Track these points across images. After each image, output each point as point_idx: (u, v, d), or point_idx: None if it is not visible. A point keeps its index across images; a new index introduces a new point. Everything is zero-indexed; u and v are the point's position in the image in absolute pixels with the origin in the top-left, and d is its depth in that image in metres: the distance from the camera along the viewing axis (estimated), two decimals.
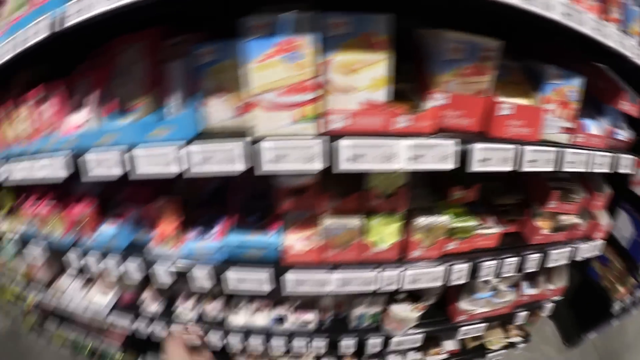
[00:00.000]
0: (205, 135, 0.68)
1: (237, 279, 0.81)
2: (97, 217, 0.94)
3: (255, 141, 0.62)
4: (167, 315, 1.10)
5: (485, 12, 0.65)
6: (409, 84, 0.74)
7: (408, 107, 0.70)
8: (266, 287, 0.81)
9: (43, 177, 0.79)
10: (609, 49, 0.74)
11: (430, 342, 1.21)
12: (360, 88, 0.66)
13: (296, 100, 0.67)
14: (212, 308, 1.03)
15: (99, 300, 1.15)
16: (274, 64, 0.60)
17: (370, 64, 0.65)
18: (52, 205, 0.98)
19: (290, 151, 0.67)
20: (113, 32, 0.77)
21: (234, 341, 1.03)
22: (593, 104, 0.96)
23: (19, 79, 0.98)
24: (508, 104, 0.75)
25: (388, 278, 0.82)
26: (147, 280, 1.10)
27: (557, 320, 1.72)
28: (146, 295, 1.12)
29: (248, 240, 0.81)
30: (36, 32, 0.73)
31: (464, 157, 0.71)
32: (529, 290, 1.18)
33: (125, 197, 0.96)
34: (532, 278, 1.23)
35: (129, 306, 1.16)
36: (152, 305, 1.11)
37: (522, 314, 1.13)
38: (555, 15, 0.66)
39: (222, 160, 0.64)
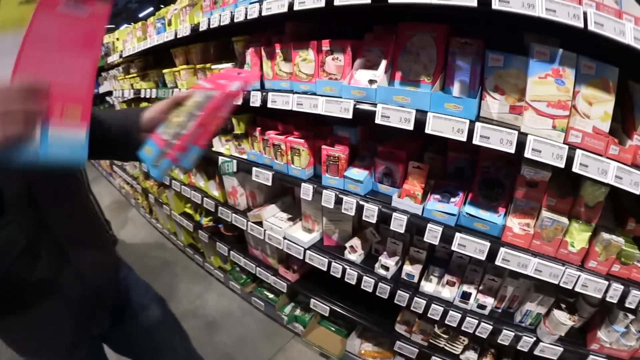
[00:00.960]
0: (482, 120, 1.10)
1: (462, 242, 1.16)
2: (347, 161, 1.37)
3: (524, 134, 1.05)
4: (368, 265, 1.51)
5: None
6: (617, 124, 1.21)
7: (618, 141, 1.16)
8: (482, 256, 1.15)
9: (321, 113, 1.24)
10: None
11: None
12: (593, 117, 1.12)
13: (556, 113, 1.08)
14: (411, 270, 1.39)
15: (300, 236, 1.59)
16: (548, 83, 1.03)
17: (603, 101, 1.11)
18: (302, 141, 1.43)
19: (545, 148, 1.06)
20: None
21: (419, 303, 1.37)
22: None
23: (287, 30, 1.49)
24: None
25: (567, 276, 1.13)
26: (358, 229, 1.61)
27: None
28: (353, 243, 1.51)
29: (480, 214, 1.18)
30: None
31: None
32: None
33: (380, 153, 1.37)
34: None
35: (328, 249, 1.60)
36: (354, 253, 1.51)
37: None
38: None
39: (497, 140, 1.05)
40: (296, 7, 1.22)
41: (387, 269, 1.44)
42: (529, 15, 0.95)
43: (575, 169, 1.03)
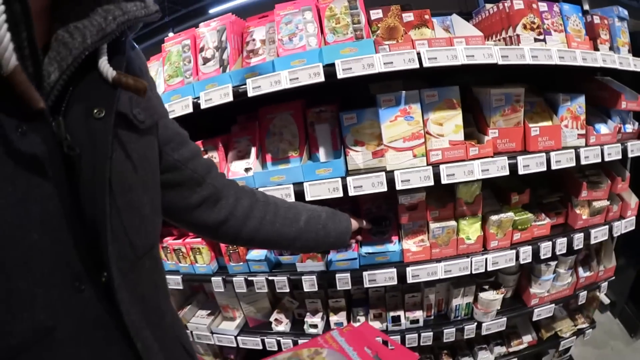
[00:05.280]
0: (352, 172, 1.84)
1: (372, 277, 1.92)
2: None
3: (390, 172, 1.93)
4: (298, 329, 2.36)
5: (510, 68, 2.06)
6: (472, 127, 1.99)
7: (475, 141, 1.95)
8: (393, 282, 1.94)
9: None
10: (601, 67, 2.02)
11: (512, 336, 2.42)
12: (447, 133, 1.98)
13: (413, 145, 1.94)
14: (337, 319, 2.20)
15: (226, 326, 2.45)
16: (399, 123, 1.79)
17: (451, 117, 1.93)
18: (200, 239, 2.21)
19: (412, 176, 1.97)
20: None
21: None
22: (603, 111, 2.51)
23: None
24: (536, 127, 2.18)
25: (476, 263, 1.97)
26: (276, 302, 2.46)
27: (622, 318, 3.04)
28: (276, 316, 2.34)
29: (377, 249, 1.94)
30: (187, 105, 1.97)
31: (514, 167, 2.10)
32: (584, 274, 2.36)
33: None
34: (586, 263, 2.43)
35: (256, 328, 2.49)
36: (281, 324, 2.34)
37: (582, 294, 2.37)
38: (555, 61, 2.14)
39: (369, 185, 1.86)
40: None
41: (315, 326, 2.25)
42: (370, 73, 1.70)
43: (444, 181, 1.90)
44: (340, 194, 1.86)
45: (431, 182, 1.87)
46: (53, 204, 0.62)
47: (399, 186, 1.85)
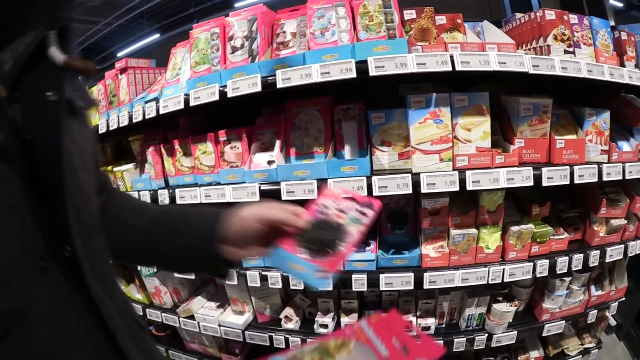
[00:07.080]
0: (377, 172, 1.81)
1: (388, 281, 1.88)
2: None
3: (416, 174, 1.79)
4: (307, 328, 2.31)
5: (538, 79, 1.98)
6: (498, 136, 1.96)
7: (501, 150, 1.94)
8: (410, 286, 1.90)
9: (229, 200, 1.98)
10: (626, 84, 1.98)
11: (519, 350, 2.38)
12: (474, 139, 1.96)
13: (440, 148, 1.92)
14: (348, 320, 2.15)
15: (234, 319, 2.40)
16: (428, 125, 1.74)
17: (480, 123, 1.89)
18: None
19: (438, 179, 1.94)
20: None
21: None
22: (626, 128, 2.49)
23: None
24: (561, 140, 2.17)
25: (494, 273, 1.94)
26: (287, 299, 2.40)
27: (627, 340, 3.02)
28: (286, 313, 2.30)
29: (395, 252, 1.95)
30: (213, 93, 1.93)
31: (538, 178, 2.08)
32: (596, 293, 2.34)
33: None
34: (598, 282, 2.45)
35: (264, 324, 2.44)
36: (290, 322, 2.31)
37: (592, 313, 2.34)
38: (583, 74, 2.12)
39: (394, 186, 1.81)
40: (192, 103, 1.87)
41: (326, 326, 2.20)
42: (402, 73, 1.66)
43: (469, 187, 1.88)
44: (365, 193, 1.83)
45: (456, 188, 1.84)
46: (16, 188, 0.64)
47: (424, 189, 1.82)
